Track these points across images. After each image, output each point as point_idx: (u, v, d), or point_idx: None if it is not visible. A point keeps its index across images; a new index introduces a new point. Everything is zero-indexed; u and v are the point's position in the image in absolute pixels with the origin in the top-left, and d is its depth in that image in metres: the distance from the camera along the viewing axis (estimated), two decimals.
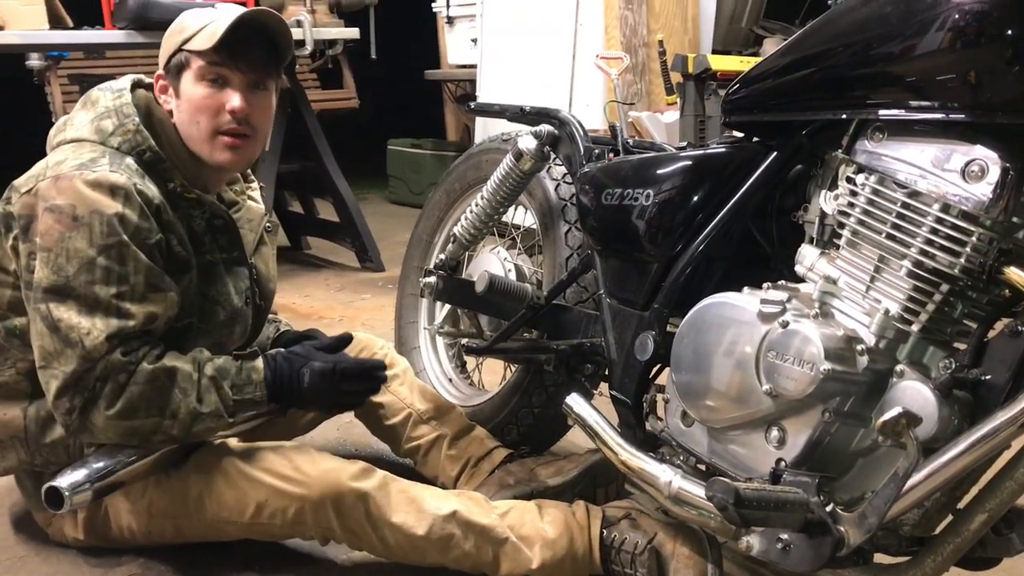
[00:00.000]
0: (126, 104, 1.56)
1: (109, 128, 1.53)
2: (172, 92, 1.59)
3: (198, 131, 1.57)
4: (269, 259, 1.81)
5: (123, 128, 1.53)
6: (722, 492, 1.13)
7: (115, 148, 1.52)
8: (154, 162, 1.54)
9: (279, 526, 1.54)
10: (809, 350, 1.19)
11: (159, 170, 1.54)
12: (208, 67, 1.54)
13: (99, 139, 1.53)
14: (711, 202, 1.45)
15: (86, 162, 1.48)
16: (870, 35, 1.22)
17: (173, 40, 1.58)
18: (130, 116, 1.54)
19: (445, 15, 5.09)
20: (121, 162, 1.50)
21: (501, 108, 2.07)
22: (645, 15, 3.80)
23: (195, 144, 1.58)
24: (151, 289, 1.48)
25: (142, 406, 1.46)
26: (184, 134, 1.59)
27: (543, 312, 1.82)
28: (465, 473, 1.83)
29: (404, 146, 5.80)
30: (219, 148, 1.58)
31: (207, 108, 1.55)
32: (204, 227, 1.61)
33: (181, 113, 1.58)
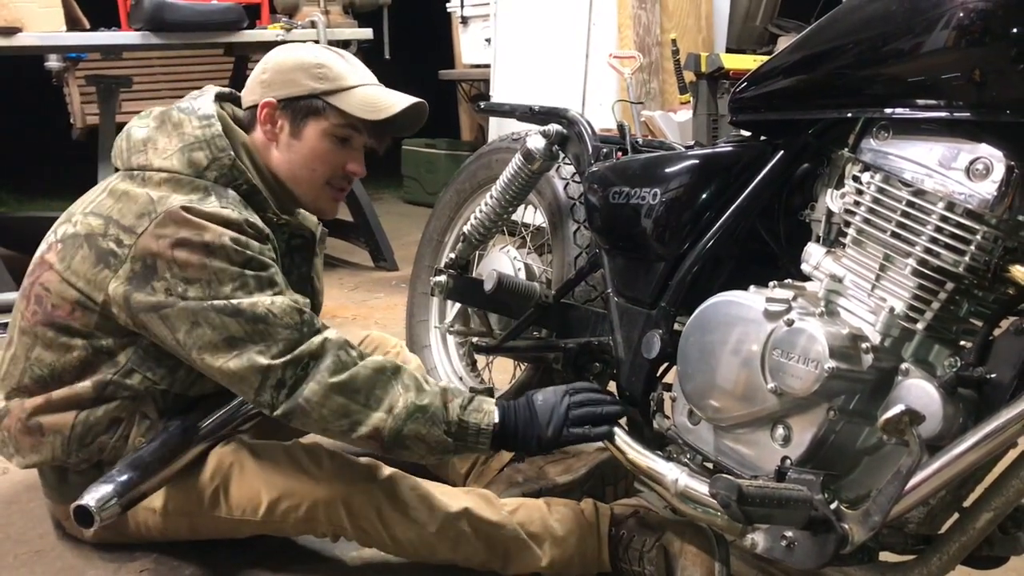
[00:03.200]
0: (218, 136, 1.53)
1: (203, 162, 1.51)
2: (286, 128, 1.58)
3: (310, 177, 1.60)
4: (320, 270, 1.82)
5: (219, 163, 1.52)
6: (725, 489, 1.14)
7: (213, 181, 1.51)
8: (251, 194, 1.55)
9: (291, 523, 1.55)
10: (814, 348, 1.19)
11: (255, 201, 1.55)
12: (345, 128, 1.58)
13: (193, 173, 1.51)
14: (718, 201, 1.45)
15: (195, 199, 1.48)
16: (876, 33, 1.22)
17: (310, 82, 1.56)
18: (225, 150, 1.53)
19: (459, 15, 5.10)
20: (226, 196, 1.51)
21: (511, 108, 2.08)
22: (658, 14, 3.80)
23: (302, 187, 1.61)
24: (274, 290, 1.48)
25: (363, 390, 1.44)
26: (287, 171, 1.60)
27: (552, 311, 1.83)
28: (474, 471, 1.85)
29: (418, 146, 5.82)
30: (326, 198, 1.64)
31: (329, 163, 1.60)
32: (285, 248, 1.63)
33: (293, 154, 1.59)
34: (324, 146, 1.58)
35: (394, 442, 1.45)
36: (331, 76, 1.57)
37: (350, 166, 1.62)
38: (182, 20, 3.49)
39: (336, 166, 1.61)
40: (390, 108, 1.58)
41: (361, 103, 1.57)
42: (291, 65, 1.58)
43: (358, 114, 1.56)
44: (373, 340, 1.98)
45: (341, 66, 1.59)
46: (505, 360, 2.15)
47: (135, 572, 1.62)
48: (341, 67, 1.59)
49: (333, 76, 1.57)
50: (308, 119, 1.57)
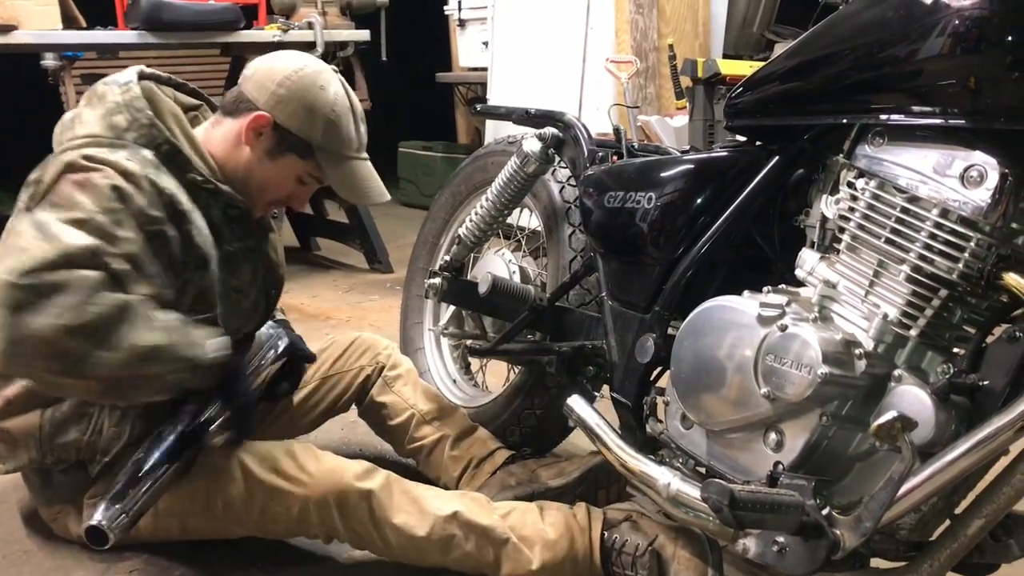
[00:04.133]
0: (136, 98, 1.53)
1: (123, 123, 1.52)
2: (268, 144, 1.58)
3: (260, 193, 1.63)
4: (277, 245, 1.81)
5: (137, 123, 1.52)
6: (717, 494, 1.14)
7: (132, 142, 1.51)
8: (172, 154, 1.53)
9: (283, 524, 1.55)
10: (807, 354, 1.19)
11: (177, 161, 1.53)
12: (313, 180, 1.64)
13: (114, 135, 1.51)
14: (713, 206, 1.45)
15: (106, 150, 1.47)
16: (872, 40, 1.22)
17: (313, 130, 1.57)
18: (142, 110, 1.52)
19: (457, 18, 5.10)
20: (138, 154, 1.49)
21: (507, 110, 2.08)
22: (656, 19, 3.81)
23: (246, 191, 1.62)
24: (134, 265, 1.43)
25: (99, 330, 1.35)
26: (244, 175, 1.61)
27: (546, 314, 1.83)
28: (467, 474, 1.84)
29: (415, 148, 5.82)
30: (261, 209, 1.68)
31: (283, 192, 1.65)
32: (221, 217, 1.61)
33: (259, 166, 1.60)
34: (287, 180, 1.63)
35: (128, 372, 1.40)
36: (335, 138, 1.60)
37: (295, 202, 1.71)
38: (179, 20, 3.49)
39: (285, 195, 1.67)
40: (362, 197, 1.66)
41: (342, 177, 1.62)
42: (308, 99, 1.57)
43: (334, 186, 1.63)
44: (364, 342, 1.98)
45: (348, 131, 1.61)
46: (499, 363, 2.14)
47: (125, 572, 1.61)
48: (348, 132, 1.61)
49: (336, 139, 1.60)
50: (290, 154, 1.60)
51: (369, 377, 1.95)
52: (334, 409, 1.97)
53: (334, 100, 1.59)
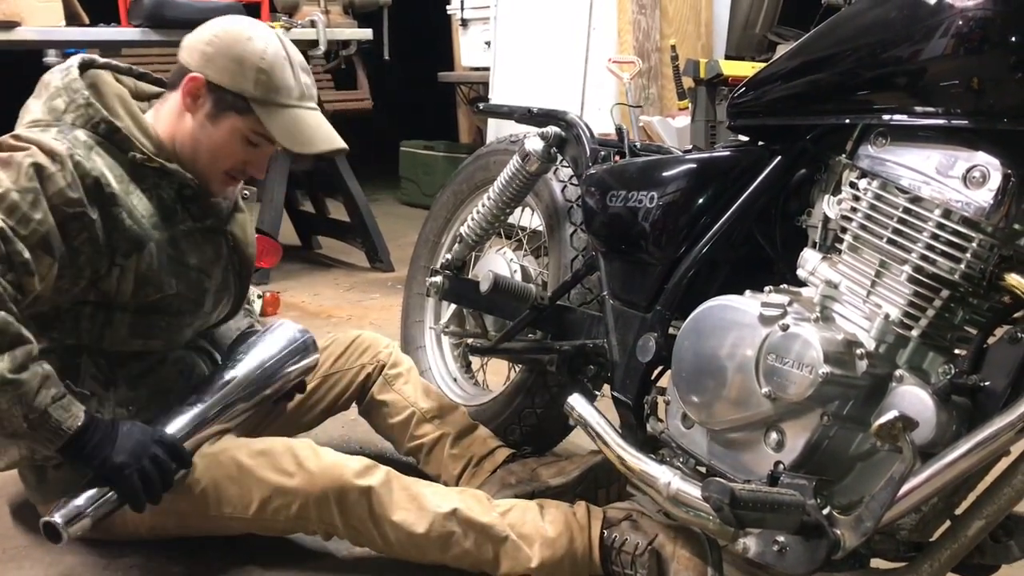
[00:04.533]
0: (74, 80, 1.52)
1: (61, 106, 1.51)
2: (207, 108, 1.55)
3: (210, 163, 1.59)
4: (246, 224, 1.78)
5: (74, 104, 1.51)
6: (718, 493, 1.14)
7: (70, 124, 1.50)
8: (110, 132, 1.51)
9: (283, 521, 1.55)
10: (809, 353, 1.20)
11: (116, 140, 1.51)
12: (259, 136, 1.57)
13: (53, 118, 1.50)
14: (715, 205, 1.45)
15: (36, 131, 1.47)
16: (875, 40, 1.22)
17: (246, 83, 1.53)
18: (79, 90, 1.51)
19: (459, 17, 5.10)
20: (70, 133, 1.47)
21: (509, 109, 2.08)
22: (658, 20, 3.81)
23: (198, 165, 1.58)
24: (43, 248, 1.40)
25: None
26: (192, 146, 1.57)
27: (547, 313, 1.83)
28: (467, 472, 1.84)
29: (416, 148, 5.82)
30: (218, 182, 1.62)
31: (233, 159, 1.59)
32: (174, 196, 1.59)
33: (202, 133, 1.56)
34: (234, 143, 1.57)
35: None
36: (269, 87, 1.53)
37: (251, 169, 1.62)
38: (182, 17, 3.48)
39: (239, 162, 1.60)
40: (308, 145, 1.58)
41: (284, 127, 1.55)
42: (236, 53, 1.53)
43: (277, 137, 1.55)
44: (365, 340, 1.98)
45: (283, 76, 1.55)
46: (500, 362, 2.14)
47: (124, 569, 1.61)
48: (282, 78, 1.54)
49: (271, 87, 1.53)
50: (230, 113, 1.55)
51: (370, 375, 1.94)
52: (335, 407, 1.97)
53: (264, 49, 1.54)
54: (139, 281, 1.54)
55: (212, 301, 1.68)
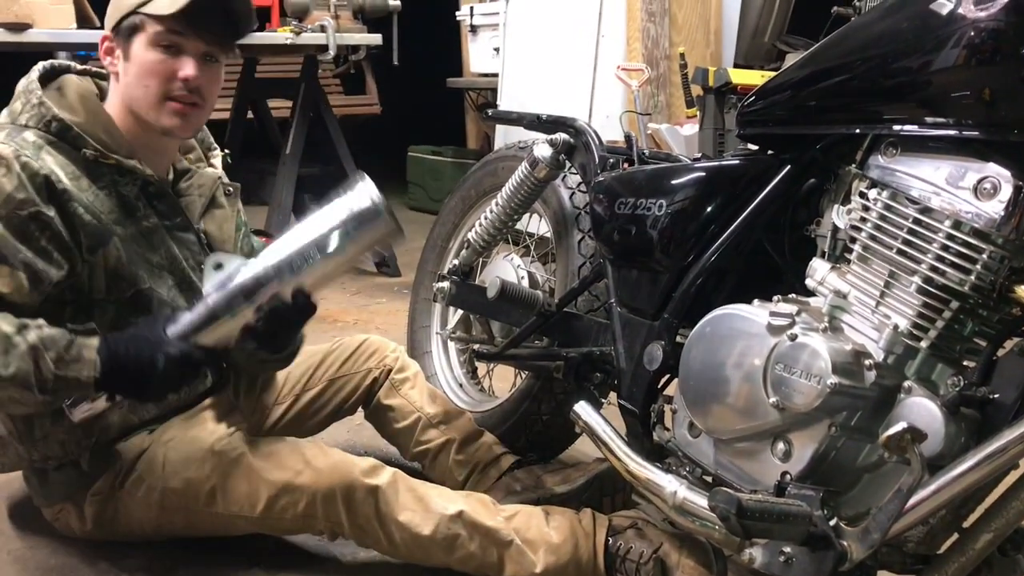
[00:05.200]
0: (31, 82, 1.54)
1: (18, 108, 1.53)
2: (120, 55, 1.54)
3: (146, 95, 1.53)
4: (223, 221, 1.75)
5: (28, 104, 1.52)
6: (724, 502, 1.13)
7: (23, 124, 1.50)
8: (62, 131, 1.51)
9: (290, 520, 1.55)
10: (817, 364, 1.19)
11: (69, 138, 1.51)
12: (165, 33, 1.51)
13: (10, 120, 1.52)
14: (724, 214, 1.45)
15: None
16: (886, 51, 1.22)
17: (126, 2, 1.53)
18: (33, 91, 1.53)
19: (468, 24, 5.11)
20: (18, 135, 1.48)
21: (518, 116, 2.08)
22: (667, 28, 3.81)
23: (142, 107, 1.54)
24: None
25: None
26: (130, 97, 1.55)
27: (554, 319, 1.82)
28: (472, 478, 1.84)
29: (424, 153, 5.83)
30: (166, 113, 1.55)
31: (159, 73, 1.52)
32: (136, 192, 1.58)
33: (128, 76, 1.54)
34: (151, 57, 1.52)
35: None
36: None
37: (182, 72, 1.52)
38: None
39: (167, 76, 1.52)
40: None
41: (167, 2, 1.49)
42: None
43: (163, 11, 1.48)
44: (372, 344, 1.98)
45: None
46: (506, 368, 2.14)
47: (130, 569, 1.61)
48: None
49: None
50: (133, 37, 1.52)
51: (376, 380, 1.94)
52: (340, 411, 1.97)
53: None
54: (110, 276, 1.53)
55: (181, 299, 1.63)
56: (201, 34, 1.53)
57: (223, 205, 1.75)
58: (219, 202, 1.75)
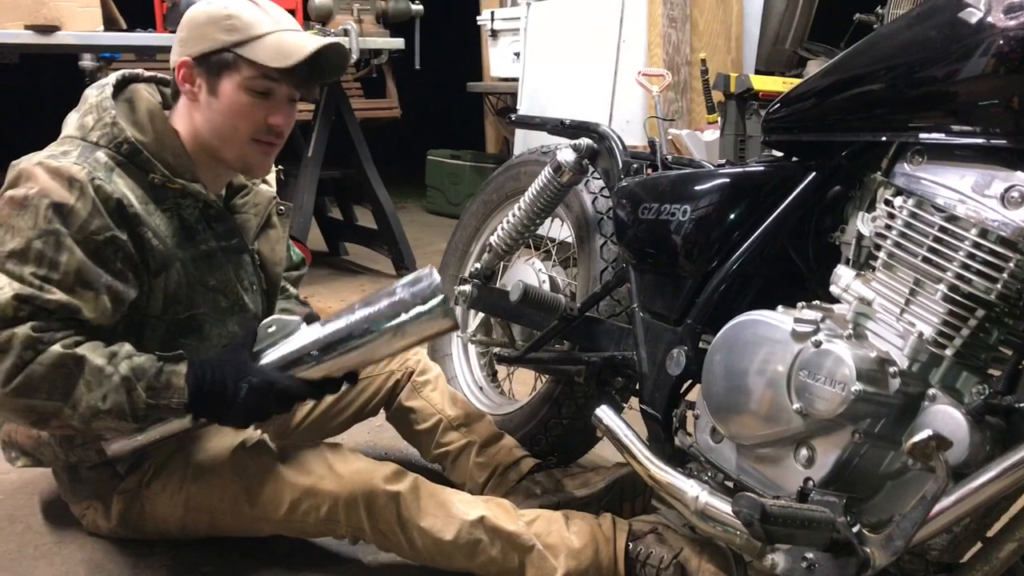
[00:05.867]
0: (105, 99, 1.54)
1: (90, 123, 1.53)
2: (203, 85, 1.54)
3: (234, 136, 1.55)
4: (276, 242, 1.77)
5: (101, 122, 1.52)
6: (748, 507, 1.13)
7: (94, 142, 1.50)
8: (132, 154, 1.51)
9: (312, 523, 1.57)
10: (841, 370, 1.19)
11: (139, 161, 1.52)
12: (261, 80, 1.51)
13: (81, 135, 1.52)
14: (748, 220, 1.45)
15: (57, 154, 1.48)
16: (913, 58, 1.22)
17: (220, 35, 1.51)
18: (107, 110, 1.52)
19: (489, 28, 5.13)
20: (91, 155, 1.48)
21: (542, 121, 2.09)
22: (688, 34, 3.82)
23: (226, 145, 1.56)
24: (81, 285, 1.43)
25: (43, 387, 1.38)
26: (213, 131, 1.55)
27: (576, 324, 1.83)
28: (492, 481, 1.85)
29: (443, 157, 5.86)
30: (253, 155, 1.58)
31: (250, 117, 1.54)
32: (197, 216, 1.59)
33: (213, 112, 1.54)
34: (243, 100, 1.53)
35: (87, 429, 1.45)
36: (240, 26, 1.51)
37: (272, 119, 1.55)
38: None
39: (258, 121, 1.55)
40: (299, 51, 1.50)
41: (271, 51, 1.50)
42: (202, 20, 1.53)
43: (268, 63, 1.49)
44: None
45: (251, 14, 1.52)
46: (525, 372, 2.15)
47: (154, 567, 1.63)
48: (251, 15, 1.52)
49: (242, 26, 1.51)
50: (223, 74, 1.52)
51: (398, 382, 1.96)
52: (362, 413, 1.98)
53: (221, 3, 1.53)
54: (169, 298, 1.55)
55: (231, 322, 1.66)
56: (295, 83, 1.54)
57: (276, 226, 1.78)
58: (272, 222, 1.77)
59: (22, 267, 1.40)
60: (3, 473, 1.88)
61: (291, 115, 1.59)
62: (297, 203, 3.86)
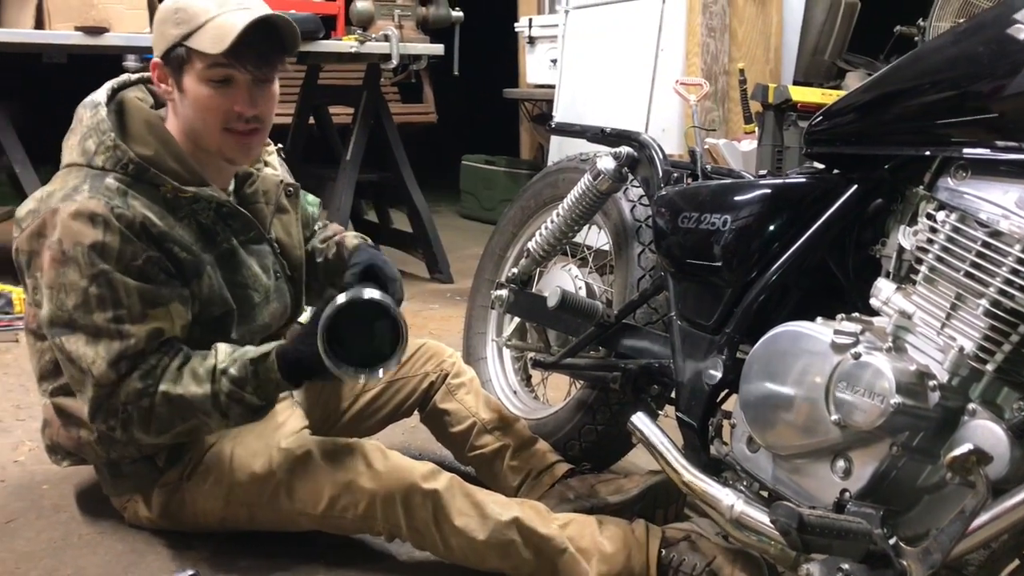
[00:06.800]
0: (102, 120, 1.55)
1: (92, 148, 1.54)
2: (173, 84, 1.55)
3: (205, 128, 1.55)
4: (291, 226, 1.79)
5: (103, 145, 1.53)
6: (786, 516, 1.14)
7: (100, 167, 1.52)
8: (140, 172, 1.53)
9: (349, 520, 1.59)
10: (880, 383, 1.20)
11: (147, 178, 1.54)
12: (213, 69, 1.51)
13: (85, 161, 1.54)
14: (788, 231, 1.46)
15: (69, 191, 1.51)
16: (959, 74, 1.22)
17: (172, 30, 1.51)
18: (106, 132, 1.53)
19: (527, 35, 5.15)
20: (101, 184, 1.50)
21: (582, 128, 2.11)
22: (727, 43, 3.81)
23: (203, 140, 1.57)
24: (149, 306, 1.50)
25: (176, 420, 1.52)
26: (189, 127, 1.57)
27: (612, 331, 1.84)
28: (526, 484, 1.86)
29: (478, 162, 5.88)
30: (229, 144, 1.58)
31: (214, 109, 1.53)
32: (213, 217, 1.61)
33: (185, 108, 1.55)
34: (204, 92, 1.52)
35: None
36: (186, 18, 1.50)
37: (238, 107, 1.53)
38: None
39: (224, 110, 1.54)
40: (233, 31, 1.46)
41: (210, 37, 1.48)
42: (160, 17, 1.54)
43: (209, 50, 1.48)
44: (429, 348, 2.01)
45: (195, 4, 1.51)
46: (559, 377, 2.17)
47: (193, 559, 1.66)
48: (198, 4, 1.51)
49: (188, 18, 1.50)
50: (183, 69, 1.52)
51: (433, 384, 1.98)
52: (397, 414, 2.01)
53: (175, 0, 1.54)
54: (204, 302, 1.60)
55: (264, 312, 1.71)
56: (249, 65, 1.52)
57: (287, 209, 1.80)
58: (283, 206, 1.79)
59: (91, 317, 1.48)
60: (48, 465, 1.92)
61: (262, 99, 1.56)
62: (335, 205, 3.90)
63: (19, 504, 1.87)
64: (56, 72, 3.66)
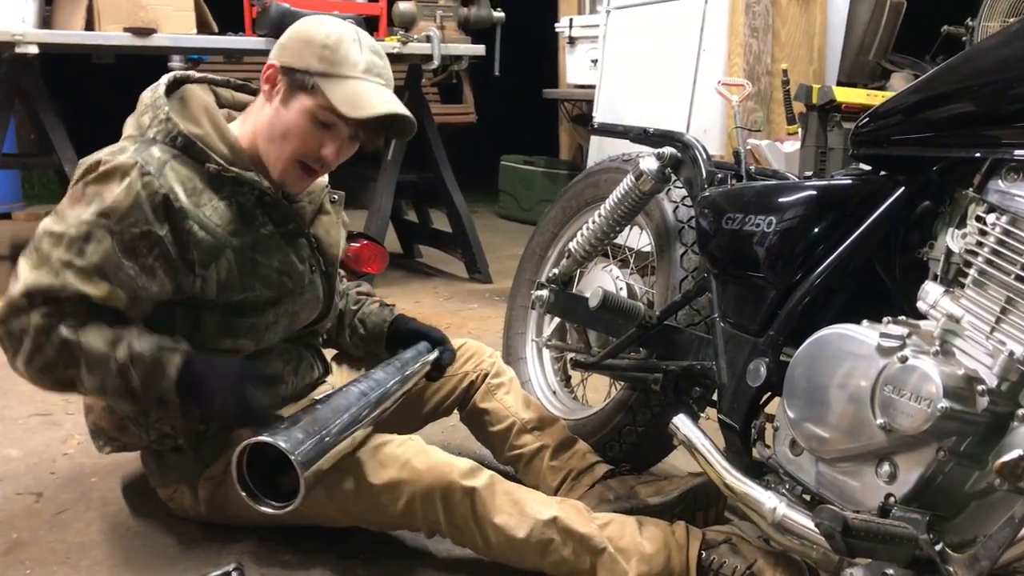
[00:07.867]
0: (159, 97, 1.61)
1: (146, 122, 1.60)
2: (280, 92, 1.60)
3: (280, 150, 1.61)
4: (331, 227, 1.83)
5: (156, 119, 1.59)
6: (830, 520, 1.13)
7: (151, 138, 1.57)
8: (187, 146, 1.57)
9: (390, 515, 1.61)
10: (927, 387, 1.18)
11: (194, 152, 1.58)
12: (328, 113, 1.57)
13: (139, 133, 1.60)
14: (834, 233, 1.45)
15: (116, 149, 1.56)
16: (1011, 76, 1.20)
17: (312, 60, 1.57)
18: (161, 107, 1.59)
19: (567, 35, 5.16)
20: (145, 150, 1.55)
21: (624, 129, 2.11)
22: (770, 44, 3.78)
23: (270, 153, 1.62)
24: (99, 275, 1.50)
25: (60, 364, 1.50)
26: (266, 134, 1.62)
27: (654, 332, 1.84)
28: (565, 485, 1.86)
29: (517, 162, 5.90)
30: (292, 173, 1.63)
31: (303, 143, 1.60)
32: (254, 201, 1.64)
33: (274, 119, 1.61)
34: (303, 123, 1.58)
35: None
36: (333, 60, 1.56)
37: (324, 150, 1.60)
38: None
39: (310, 147, 1.60)
40: (369, 108, 1.56)
41: (345, 96, 1.55)
42: (304, 37, 1.59)
43: (337, 106, 1.55)
44: (470, 348, 2.02)
45: (347, 52, 1.57)
46: (598, 378, 2.17)
47: (237, 553, 1.68)
48: (347, 53, 1.57)
49: (335, 61, 1.56)
50: (299, 93, 1.57)
51: (473, 383, 1.99)
52: (437, 412, 2.02)
53: (330, 30, 1.59)
54: (221, 286, 1.61)
55: (297, 302, 1.73)
56: (359, 131, 1.61)
57: (329, 212, 1.84)
58: (326, 209, 1.83)
59: (52, 248, 1.50)
60: (96, 457, 1.97)
61: (346, 152, 1.65)
62: (375, 205, 3.94)
63: (69, 496, 1.92)
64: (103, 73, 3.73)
